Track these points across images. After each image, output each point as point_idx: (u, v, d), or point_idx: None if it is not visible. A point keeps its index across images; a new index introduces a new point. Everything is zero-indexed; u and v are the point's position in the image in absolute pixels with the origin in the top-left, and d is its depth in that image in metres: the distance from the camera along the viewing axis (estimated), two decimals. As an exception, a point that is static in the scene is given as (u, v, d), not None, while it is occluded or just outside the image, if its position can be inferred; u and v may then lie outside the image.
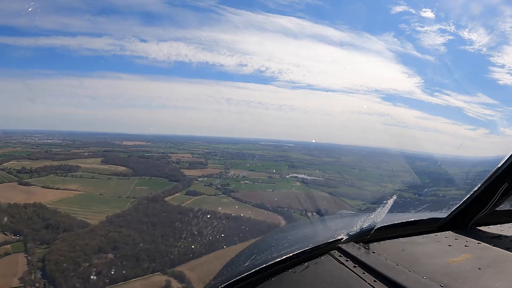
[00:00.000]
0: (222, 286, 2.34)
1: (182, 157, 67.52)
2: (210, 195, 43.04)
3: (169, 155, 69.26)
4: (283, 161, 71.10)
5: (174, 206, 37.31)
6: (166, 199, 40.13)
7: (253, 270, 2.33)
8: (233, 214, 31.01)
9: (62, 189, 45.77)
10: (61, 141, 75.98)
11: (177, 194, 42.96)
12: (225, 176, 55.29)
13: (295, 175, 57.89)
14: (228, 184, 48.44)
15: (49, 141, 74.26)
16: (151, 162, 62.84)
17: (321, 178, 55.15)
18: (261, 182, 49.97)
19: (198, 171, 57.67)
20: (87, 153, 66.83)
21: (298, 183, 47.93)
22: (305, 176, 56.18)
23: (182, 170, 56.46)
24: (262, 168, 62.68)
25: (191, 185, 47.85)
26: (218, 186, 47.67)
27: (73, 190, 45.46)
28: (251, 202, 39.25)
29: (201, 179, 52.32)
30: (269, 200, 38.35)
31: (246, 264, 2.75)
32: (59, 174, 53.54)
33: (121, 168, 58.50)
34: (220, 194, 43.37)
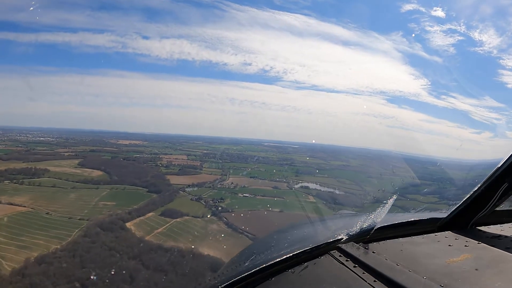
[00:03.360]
0: (222, 286, 2.11)
1: (176, 159, 53.54)
2: (195, 217, 28.61)
3: (161, 156, 55.34)
4: (288, 165, 57.32)
5: (134, 239, 23.01)
6: (130, 224, 25.93)
7: (253, 270, 2.11)
8: (221, 261, 16.81)
9: (5, 203, 31.81)
10: (54, 139, 64.05)
11: (150, 214, 28.75)
12: (220, 186, 41.02)
13: (305, 184, 43.49)
14: (222, 198, 34.09)
15: (42, 139, 62.34)
16: (135, 166, 48.66)
17: (338, 192, 40.59)
18: (264, 196, 35.89)
19: (189, 178, 43.44)
20: (69, 153, 53.44)
21: (311, 198, 33.59)
22: (318, 187, 41.93)
23: (168, 177, 42.13)
24: (266, 174, 48.56)
25: (174, 198, 33.65)
26: (209, 201, 33.37)
27: (17, 205, 31.29)
28: (250, 233, 24.16)
29: (190, 189, 38.18)
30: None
31: (246, 264, 2.45)
32: (16, 181, 39.93)
33: (96, 173, 44.49)
34: (208, 216, 29.20)
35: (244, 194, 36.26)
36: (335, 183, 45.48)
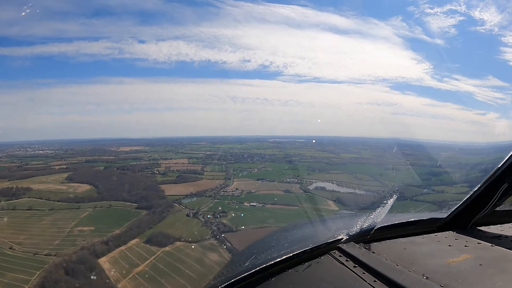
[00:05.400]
0: (222, 286, 2.06)
1: (175, 164, 46.86)
2: (189, 241, 21.83)
3: (160, 162, 48.56)
4: (297, 162, 50.78)
5: (102, 288, 16.74)
6: (105, 259, 18.83)
7: (253, 270, 2.05)
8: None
9: (-35, 235, 25.73)
10: (52, 152, 58.31)
11: (133, 241, 21.68)
12: (223, 193, 34.26)
13: (321, 184, 36.26)
14: (224, 211, 27.18)
15: (41, 152, 56.73)
16: (128, 176, 41.91)
17: (359, 192, 33.21)
18: (275, 204, 28.82)
19: (187, 186, 36.60)
20: (60, 167, 47.29)
21: (331, 205, 26.48)
22: (335, 187, 34.81)
23: (164, 187, 35.26)
24: (274, 174, 41.61)
25: (167, 215, 26.61)
26: (208, 216, 26.67)
27: (-21, 237, 25.37)
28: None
29: (187, 200, 31.34)
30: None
31: (246, 264, 2.38)
32: (-11, 205, 33.75)
33: (83, 188, 37.86)
34: (206, 239, 21.68)
35: (251, 203, 29.22)
36: (353, 181, 38.35)
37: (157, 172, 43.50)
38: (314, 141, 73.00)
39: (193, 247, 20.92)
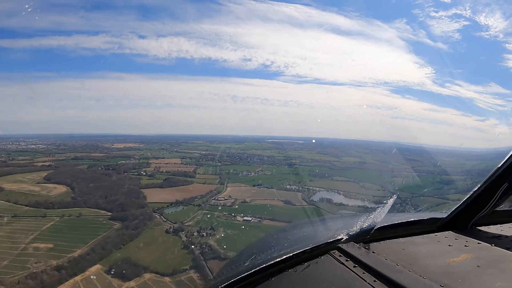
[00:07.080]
0: (222, 286, 1.97)
1: (166, 164, 41.93)
2: (163, 274, 16.77)
3: (150, 161, 43.66)
4: (298, 165, 45.92)
5: None
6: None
7: (253, 270, 1.97)
8: None
9: None
10: (44, 147, 53.88)
11: (93, 269, 16.31)
12: (214, 201, 29.33)
13: (326, 195, 31.10)
14: (212, 228, 22.26)
15: (32, 146, 52.35)
16: (111, 177, 37.04)
17: (370, 205, 28.41)
18: (273, 219, 23.57)
19: (174, 192, 31.60)
20: (42, 164, 42.50)
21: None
22: (343, 199, 29.74)
23: (147, 192, 30.18)
24: (273, 179, 36.76)
25: (143, 230, 21.60)
26: (193, 233, 21.48)
27: None
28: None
29: (170, 210, 26.32)
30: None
31: (246, 264, 2.29)
32: None
33: (58, 190, 32.85)
34: (185, 271, 16.79)
35: (244, 218, 24.13)
36: (361, 191, 33.40)
37: (143, 173, 38.65)
38: (314, 141, 68.26)
39: (166, 281, 15.79)
